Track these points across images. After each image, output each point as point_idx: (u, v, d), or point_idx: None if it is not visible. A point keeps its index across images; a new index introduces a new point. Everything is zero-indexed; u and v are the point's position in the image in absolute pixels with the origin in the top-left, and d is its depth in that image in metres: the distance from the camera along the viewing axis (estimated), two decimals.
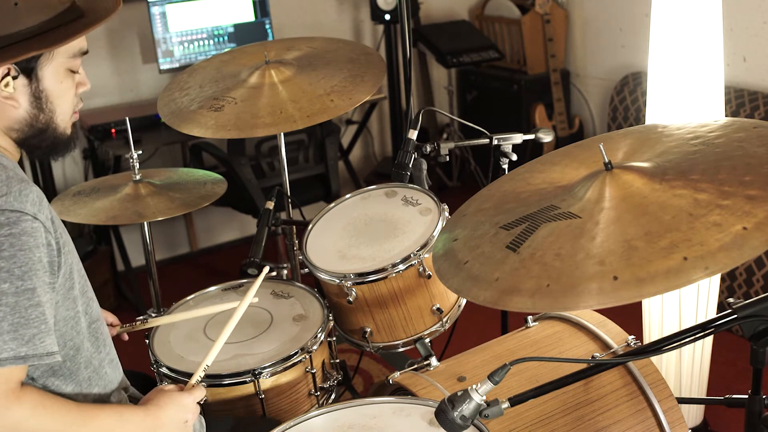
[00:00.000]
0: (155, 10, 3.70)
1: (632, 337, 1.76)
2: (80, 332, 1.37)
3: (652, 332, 2.45)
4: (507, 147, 2.13)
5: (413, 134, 2.08)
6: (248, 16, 3.89)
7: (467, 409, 1.22)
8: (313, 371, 1.80)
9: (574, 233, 1.20)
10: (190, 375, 1.71)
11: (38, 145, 1.38)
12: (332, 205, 2.04)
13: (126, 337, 1.74)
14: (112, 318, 1.76)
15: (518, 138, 2.13)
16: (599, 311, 1.87)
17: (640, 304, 2.48)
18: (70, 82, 1.38)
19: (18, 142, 1.37)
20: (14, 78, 1.30)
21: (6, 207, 1.20)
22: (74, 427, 1.25)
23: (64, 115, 1.38)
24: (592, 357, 1.71)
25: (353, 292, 1.80)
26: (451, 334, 2.16)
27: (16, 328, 1.18)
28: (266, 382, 1.74)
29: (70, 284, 1.33)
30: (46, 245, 1.24)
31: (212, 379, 1.72)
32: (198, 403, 1.46)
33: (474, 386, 1.23)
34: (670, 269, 1.06)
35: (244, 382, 1.72)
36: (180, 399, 1.42)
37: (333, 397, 1.91)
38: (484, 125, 2.17)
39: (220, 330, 1.87)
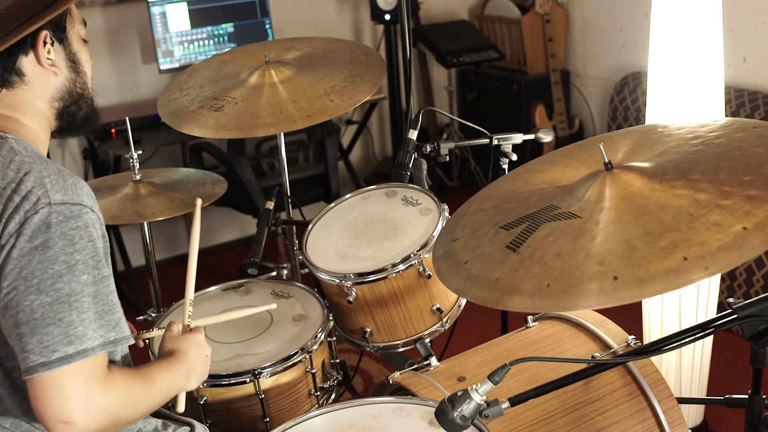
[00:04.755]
0: (155, 10, 3.70)
1: (632, 337, 1.76)
2: None
3: (652, 332, 2.45)
4: (507, 147, 2.13)
5: (413, 134, 2.08)
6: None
7: (467, 409, 1.22)
8: (313, 371, 1.80)
9: (574, 233, 1.20)
10: None
11: (76, 114, 1.42)
12: (332, 205, 2.04)
13: (141, 344, 1.75)
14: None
15: (518, 138, 2.13)
16: (599, 311, 1.87)
17: (640, 304, 2.48)
18: (87, 51, 1.44)
19: (59, 115, 1.40)
20: (52, 45, 1.35)
21: (68, 200, 1.22)
22: (148, 391, 1.31)
23: (91, 81, 1.45)
24: (592, 357, 1.71)
25: (353, 292, 1.80)
26: (451, 334, 2.16)
27: (101, 316, 1.23)
28: (266, 382, 1.74)
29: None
30: (102, 236, 1.28)
31: (212, 379, 1.72)
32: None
33: (474, 386, 1.23)
34: (670, 269, 1.06)
35: (244, 382, 1.72)
36: (196, 339, 1.47)
37: (333, 397, 1.91)
38: (484, 125, 2.17)
39: (220, 330, 1.88)
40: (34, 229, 1.19)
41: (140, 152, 2.22)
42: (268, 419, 1.76)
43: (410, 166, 2.07)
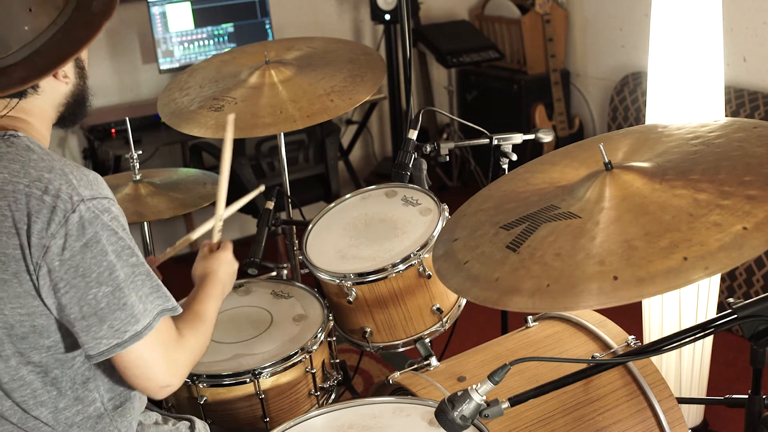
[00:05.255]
0: (155, 10, 3.70)
1: (632, 337, 1.76)
2: None
3: (652, 332, 2.45)
4: (507, 147, 2.13)
5: (413, 134, 2.08)
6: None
7: (467, 409, 1.22)
8: (313, 371, 1.80)
9: (574, 233, 1.20)
10: (190, 375, 1.72)
11: (74, 112, 1.46)
12: (332, 205, 2.04)
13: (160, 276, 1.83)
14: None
15: (518, 138, 2.13)
16: (599, 311, 1.87)
17: (640, 304, 2.48)
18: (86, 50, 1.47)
19: (61, 117, 1.44)
20: None
21: (96, 195, 1.27)
22: (208, 327, 1.47)
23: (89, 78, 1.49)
24: (592, 357, 1.71)
25: (353, 292, 1.80)
26: (451, 334, 2.16)
27: (156, 290, 1.33)
28: (266, 382, 1.74)
29: None
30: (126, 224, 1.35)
31: (212, 379, 1.72)
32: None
33: (474, 386, 1.23)
34: (670, 269, 1.06)
35: (244, 382, 1.72)
36: (225, 257, 1.62)
37: (333, 397, 1.91)
38: (484, 125, 2.17)
39: (220, 330, 1.88)
40: (77, 227, 1.24)
41: (140, 152, 2.22)
42: (268, 419, 1.76)
43: (410, 166, 2.07)
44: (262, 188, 1.78)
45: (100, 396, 1.38)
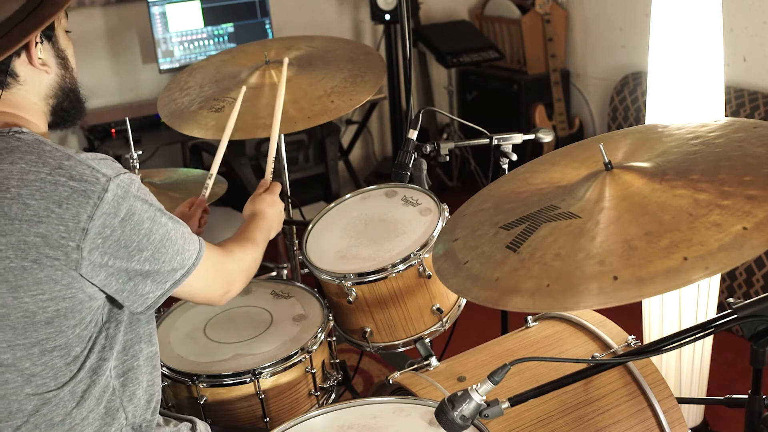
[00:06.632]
0: (155, 10, 3.70)
1: (632, 337, 1.76)
2: None
3: (652, 332, 2.45)
4: (507, 147, 2.13)
5: (413, 134, 2.08)
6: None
7: (467, 409, 1.22)
8: (313, 371, 1.80)
9: (574, 233, 1.20)
10: (190, 375, 1.72)
11: (68, 109, 1.47)
12: (332, 205, 2.04)
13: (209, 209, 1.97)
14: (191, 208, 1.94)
15: (518, 138, 2.13)
16: (599, 311, 1.87)
17: (640, 304, 2.48)
18: (71, 43, 1.48)
19: (53, 112, 1.45)
20: (41, 43, 1.38)
21: (119, 171, 1.31)
22: (257, 248, 1.62)
23: (76, 71, 1.49)
24: (592, 357, 1.71)
25: (353, 292, 1.80)
26: (451, 334, 2.16)
27: (187, 236, 1.41)
28: (266, 382, 1.74)
29: None
30: None
31: (212, 379, 1.72)
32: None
33: (474, 386, 1.23)
34: (670, 269, 1.06)
35: (244, 382, 1.72)
36: (271, 199, 1.76)
37: (333, 397, 1.91)
38: (484, 125, 2.17)
39: (220, 330, 1.88)
40: (112, 205, 1.28)
41: (140, 152, 2.21)
42: (268, 419, 1.76)
43: (410, 166, 2.07)
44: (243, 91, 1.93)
45: (109, 365, 1.39)
